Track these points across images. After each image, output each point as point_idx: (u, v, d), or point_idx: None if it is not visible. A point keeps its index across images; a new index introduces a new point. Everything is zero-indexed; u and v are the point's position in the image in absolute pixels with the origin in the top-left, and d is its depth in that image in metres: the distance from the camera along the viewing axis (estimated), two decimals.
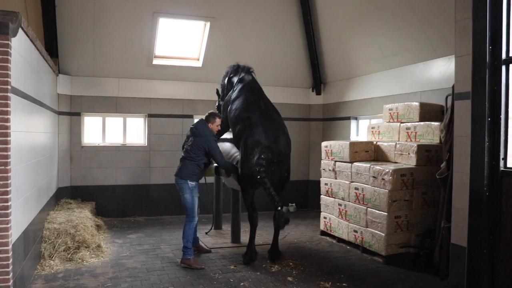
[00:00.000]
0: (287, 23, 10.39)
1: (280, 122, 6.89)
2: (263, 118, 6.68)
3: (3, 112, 4.26)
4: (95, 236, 7.14)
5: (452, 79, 5.75)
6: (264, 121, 6.63)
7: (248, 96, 7.08)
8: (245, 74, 7.53)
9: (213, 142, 6.57)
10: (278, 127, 6.71)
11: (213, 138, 6.65)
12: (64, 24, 8.94)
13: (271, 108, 7.02)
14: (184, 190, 6.49)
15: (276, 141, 6.50)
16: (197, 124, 6.72)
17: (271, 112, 6.92)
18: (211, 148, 6.50)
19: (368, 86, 9.46)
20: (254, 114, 6.75)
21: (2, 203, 4.28)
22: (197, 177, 6.57)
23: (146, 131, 10.10)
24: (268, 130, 6.52)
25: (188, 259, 6.38)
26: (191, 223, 6.53)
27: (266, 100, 7.14)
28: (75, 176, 9.52)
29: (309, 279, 5.88)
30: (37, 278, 5.71)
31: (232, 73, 7.72)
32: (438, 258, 5.93)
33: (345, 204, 7.44)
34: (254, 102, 6.93)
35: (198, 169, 6.54)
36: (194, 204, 6.51)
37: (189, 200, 6.49)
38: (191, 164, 6.52)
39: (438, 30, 7.29)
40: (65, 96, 9.34)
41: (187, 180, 6.47)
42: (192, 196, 6.48)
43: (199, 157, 6.52)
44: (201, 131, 6.59)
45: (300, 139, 11.28)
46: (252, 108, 6.85)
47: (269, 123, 6.66)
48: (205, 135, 6.56)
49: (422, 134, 6.95)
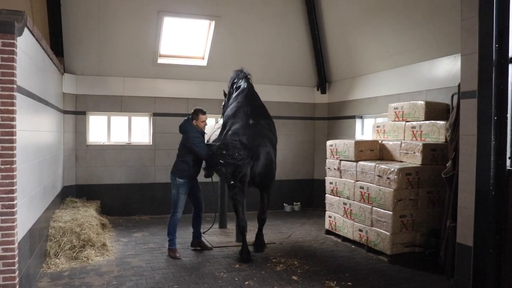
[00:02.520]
0: (292, 21, 10.37)
1: (264, 127, 6.96)
2: (246, 123, 6.83)
3: (9, 111, 4.28)
4: (100, 234, 7.16)
5: (458, 78, 5.72)
6: (246, 125, 6.79)
7: (237, 104, 7.25)
8: (242, 81, 7.66)
9: (194, 138, 6.77)
10: (259, 131, 6.82)
11: (196, 135, 6.83)
12: (69, 24, 8.96)
13: (259, 114, 7.11)
14: (172, 185, 6.91)
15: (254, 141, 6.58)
16: (182, 122, 7.00)
17: (258, 118, 7.00)
18: (191, 144, 6.75)
19: (373, 85, 9.43)
20: (237, 120, 6.93)
21: (8, 202, 4.30)
22: (186, 174, 6.82)
23: (151, 130, 10.12)
24: (247, 133, 6.67)
25: (169, 249, 6.87)
26: (173, 217, 6.90)
27: (256, 107, 7.24)
28: (80, 175, 9.55)
29: (314, 278, 5.87)
30: (42, 276, 5.74)
31: (235, 78, 7.87)
32: (444, 258, 5.90)
33: (350, 203, 7.42)
34: (241, 109, 7.09)
35: (186, 166, 6.81)
36: (179, 200, 6.84)
37: (174, 196, 6.87)
38: (179, 161, 6.91)
39: (443, 29, 7.26)
40: (71, 95, 9.37)
41: (176, 176, 6.84)
42: (178, 192, 6.83)
43: (185, 154, 6.84)
44: (183, 128, 6.92)
45: (305, 138, 11.28)
46: (237, 115, 7.02)
47: (251, 127, 6.79)
48: (187, 132, 6.84)
49: (428, 133, 6.92)
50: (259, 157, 6.58)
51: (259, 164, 6.60)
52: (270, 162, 6.78)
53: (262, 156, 6.62)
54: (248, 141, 6.51)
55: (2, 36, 4.23)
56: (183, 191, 6.84)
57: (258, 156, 6.57)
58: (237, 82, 7.73)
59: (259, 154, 6.58)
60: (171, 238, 6.86)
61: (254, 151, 6.51)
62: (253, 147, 6.50)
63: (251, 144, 6.51)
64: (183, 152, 6.87)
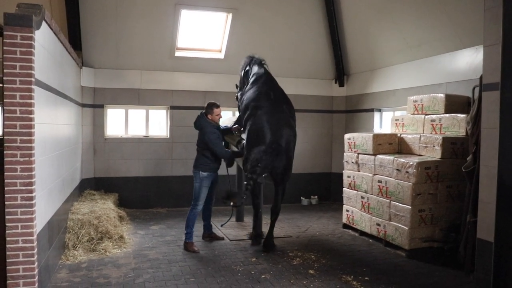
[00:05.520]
0: (310, 13, 10.26)
1: (287, 114, 6.89)
2: (270, 109, 6.74)
3: (27, 104, 4.32)
4: (117, 227, 7.22)
5: (479, 70, 5.59)
6: (270, 111, 6.70)
7: (258, 87, 7.16)
8: (257, 66, 7.60)
9: (210, 134, 6.81)
10: (283, 119, 6.73)
11: (212, 130, 6.86)
12: (87, 17, 9.01)
13: (281, 99, 7.03)
14: (195, 179, 6.91)
15: (277, 134, 6.52)
16: (197, 118, 7.03)
17: (280, 103, 6.93)
18: (208, 141, 6.80)
19: (392, 78, 9.29)
20: (261, 103, 6.83)
21: (27, 194, 4.35)
22: (208, 167, 6.85)
23: (168, 123, 10.15)
24: (271, 121, 6.58)
25: (186, 242, 6.84)
26: (194, 210, 6.89)
27: (277, 91, 7.16)
28: (98, 168, 9.64)
29: (330, 272, 5.83)
30: (61, 268, 5.81)
31: (247, 65, 7.81)
32: (463, 253, 5.81)
33: (368, 197, 7.35)
34: (264, 93, 7.00)
35: (207, 160, 6.85)
36: (201, 193, 6.85)
37: (197, 189, 6.89)
38: (200, 156, 6.92)
39: (465, 20, 7.10)
40: (89, 89, 9.45)
41: (199, 170, 6.85)
42: (201, 185, 6.85)
43: (204, 148, 6.87)
44: (198, 124, 6.95)
45: (323, 131, 11.20)
46: (261, 98, 6.93)
47: (275, 114, 6.69)
48: (202, 128, 6.90)
49: (448, 126, 6.80)
50: (280, 151, 6.50)
51: (279, 157, 6.51)
52: (291, 152, 6.74)
53: (284, 148, 6.55)
54: (275, 134, 6.47)
55: (20, 29, 4.26)
56: (206, 184, 6.87)
57: (280, 149, 6.49)
58: (251, 68, 7.66)
59: (281, 147, 6.50)
60: (189, 231, 6.85)
61: (277, 144, 6.44)
62: (276, 141, 6.44)
63: (276, 138, 6.46)
64: (202, 147, 6.90)
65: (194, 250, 6.70)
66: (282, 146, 6.52)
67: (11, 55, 4.25)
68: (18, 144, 4.31)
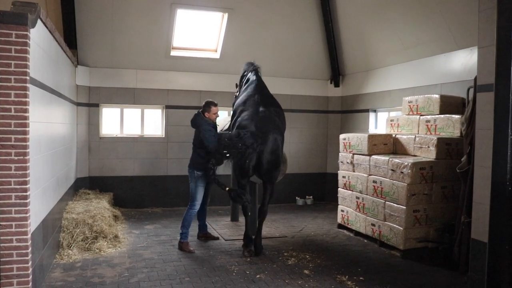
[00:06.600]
0: (306, 14, 10.28)
1: (274, 115, 6.88)
2: (256, 109, 6.76)
3: (21, 102, 4.30)
4: (112, 226, 7.21)
5: (474, 71, 5.62)
6: (256, 112, 6.71)
7: (247, 93, 7.20)
8: (252, 74, 7.62)
9: (206, 131, 6.77)
10: (269, 118, 6.73)
11: (208, 127, 6.84)
12: (82, 16, 8.98)
13: (268, 104, 7.01)
14: (190, 178, 6.91)
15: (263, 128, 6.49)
16: (194, 116, 7.01)
17: (268, 106, 6.91)
18: (203, 137, 6.76)
19: (387, 78, 9.32)
20: (248, 107, 6.86)
21: (21, 193, 4.33)
22: (203, 166, 6.78)
23: (163, 122, 10.13)
24: (257, 119, 6.59)
25: (181, 242, 6.81)
26: (191, 210, 6.88)
27: (266, 96, 7.16)
28: (93, 167, 9.61)
29: (325, 272, 5.84)
30: (55, 267, 5.79)
31: (246, 71, 7.85)
32: (458, 253, 5.84)
33: (363, 197, 7.36)
34: (251, 98, 7.03)
35: (201, 159, 6.80)
36: (197, 192, 6.84)
37: (193, 189, 6.88)
38: (195, 155, 6.91)
39: (459, 21, 7.13)
40: (84, 87, 9.41)
41: (194, 169, 6.85)
42: (196, 185, 6.84)
43: (200, 147, 6.84)
44: (195, 122, 6.93)
45: (318, 132, 11.21)
46: (248, 102, 6.96)
47: (261, 114, 6.70)
48: (199, 125, 6.86)
49: (442, 127, 6.83)
50: (266, 143, 6.46)
51: (266, 150, 6.48)
52: (277, 148, 6.66)
53: (270, 142, 6.52)
54: (257, 127, 6.45)
55: (15, 27, 4.24)
56: (201, 184, 6.85)
57: (266, 142, 6.45)
58: (246, 75, 7.72)
59: (267, 140, 6.47)
60: (184, 231, 6.83)
61: (262, 137, 6.40)
62: (260, 134, 6.41)
63: (258, 131, 6.43)
64: (198, 145, 6.88)
65: (189, 250, 6.69)
66: (269, 139, 6.50)
67: (5, 53, 4.23)
68: (13, 142, 4.29)
